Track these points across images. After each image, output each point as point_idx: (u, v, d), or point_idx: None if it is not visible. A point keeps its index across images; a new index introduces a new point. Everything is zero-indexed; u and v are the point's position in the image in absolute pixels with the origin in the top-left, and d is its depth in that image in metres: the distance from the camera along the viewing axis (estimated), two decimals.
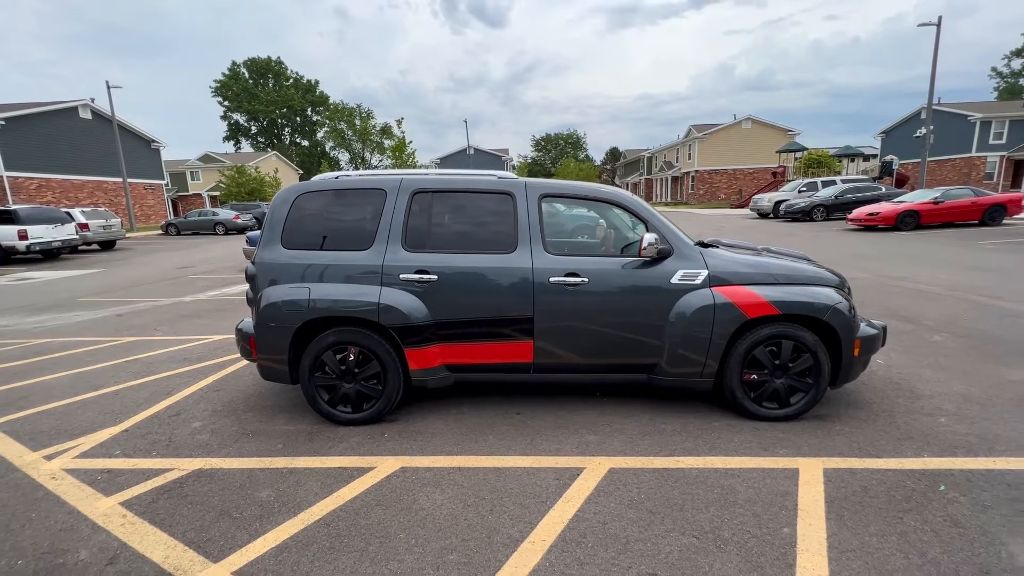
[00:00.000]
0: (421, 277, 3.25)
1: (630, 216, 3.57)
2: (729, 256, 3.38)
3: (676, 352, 3.24)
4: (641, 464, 2.81)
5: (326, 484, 2.68)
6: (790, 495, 2.48)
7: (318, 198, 3.47)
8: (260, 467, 2.89)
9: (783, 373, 3.25)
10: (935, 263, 9.45)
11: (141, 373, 4.64)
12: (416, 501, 2.51)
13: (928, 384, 3.86)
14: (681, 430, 3.21)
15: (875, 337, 3.35)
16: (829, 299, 3.20)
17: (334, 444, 3.14)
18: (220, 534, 2.29)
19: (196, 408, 3.78)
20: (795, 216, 20.97)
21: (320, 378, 3.35)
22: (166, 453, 3.10)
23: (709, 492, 2.52)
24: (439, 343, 3.31)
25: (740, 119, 43.69)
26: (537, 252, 3.29)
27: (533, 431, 3.25)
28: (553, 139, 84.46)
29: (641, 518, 2.33)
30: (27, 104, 27.09)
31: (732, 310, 3.17)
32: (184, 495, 2.63)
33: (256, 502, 2.54)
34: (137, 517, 2.44)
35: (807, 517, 2.31)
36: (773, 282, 3.26)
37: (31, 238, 15.09)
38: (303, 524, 2.34)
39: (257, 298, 3.35)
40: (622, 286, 3.26)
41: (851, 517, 2.30)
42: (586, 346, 3.31)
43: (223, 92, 65.11)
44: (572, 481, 2.65)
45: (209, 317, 7.05)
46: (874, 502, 2.41)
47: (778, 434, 3.12)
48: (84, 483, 2.77)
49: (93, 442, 3.28)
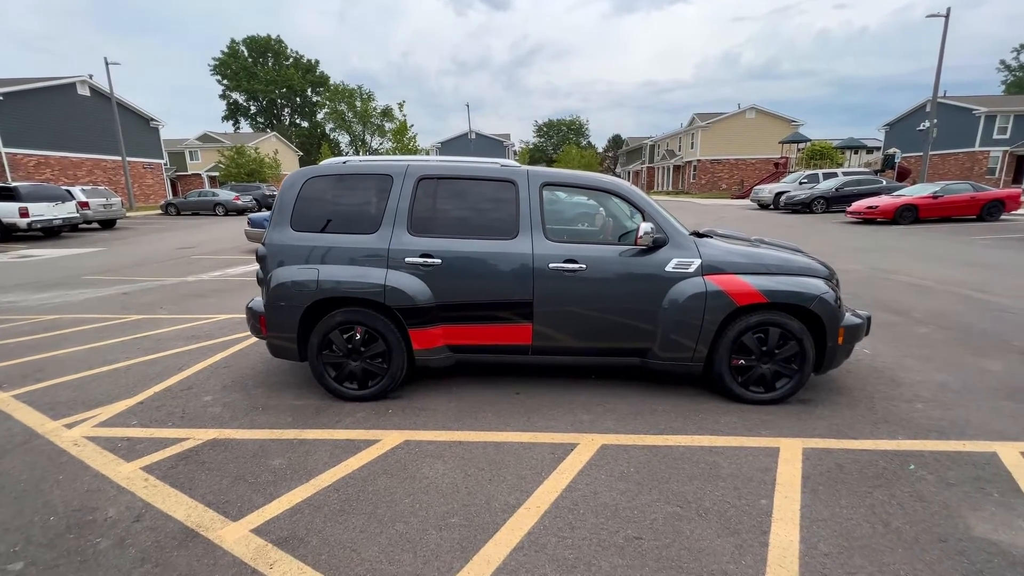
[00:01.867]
0: (425, 261, 3.38)
1: (628, 205, 3.69)
2: (722, 246, 3.51)
3: (668, 337, 3.39)
4: (631, 441, 2.98)
5: (335, 454, 2.85)
6: (769, 471, 2.65)
7: (326, 182, 3.58)
8: (271, 438, 3.05)
9: (769, 359, 3.41)
10: (930, 257, 9.59)
11: (151, 349, 4.79)
12: (420, 471, 2.68)
13: (909, 373, 4.03)
14: (671, 411, 3.38)
15: (859, 326, 3.50)
16: (816, 289, 3.34)
17: (341, 418, 3.30)
18: (237, 497, 2.46)
19: (207, 383, 3.93)
20: (795, 208, 21.06)
21: (328, 356, 3.50)
22: (181, 424, 3.26)
23: (694, 467, 2.70)
24: (442, 324, 3.46)
25: (744, 108, 43.40)
26: (537, 239, 3.42)
27: (530, 409, 3.41)
28: (555, 125, 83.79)
29: (629, 489, 2.50)
30: (25, 79, 26.79)
31: (723, 298, 3.31)
32: (201, 462, 2.79)
33: (269, 469, 2.71)
34: (158, 480, 2.61)
35: (784, 491, 2.48)
36: (763, 272, 3.40)
37: (32, 216, 15.11)
38: (315, 489, 2.51)
39: (267, 278, 3.48)
40: (618, 273, 3.40)
41: (824, 491, 2.47)
42: (583, 330, 3.46)
43: (222, 71, 64.27)
44: (566, 455, 2.82)
45: (213, 297, 7.19)
46: (847, 478, 2.58)
47: (763, 416, 3.29)
48: (106, 449, 2.94)
49: (110, 412, 3.44)
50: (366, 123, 54.99)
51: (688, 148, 46.19)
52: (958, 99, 34.45)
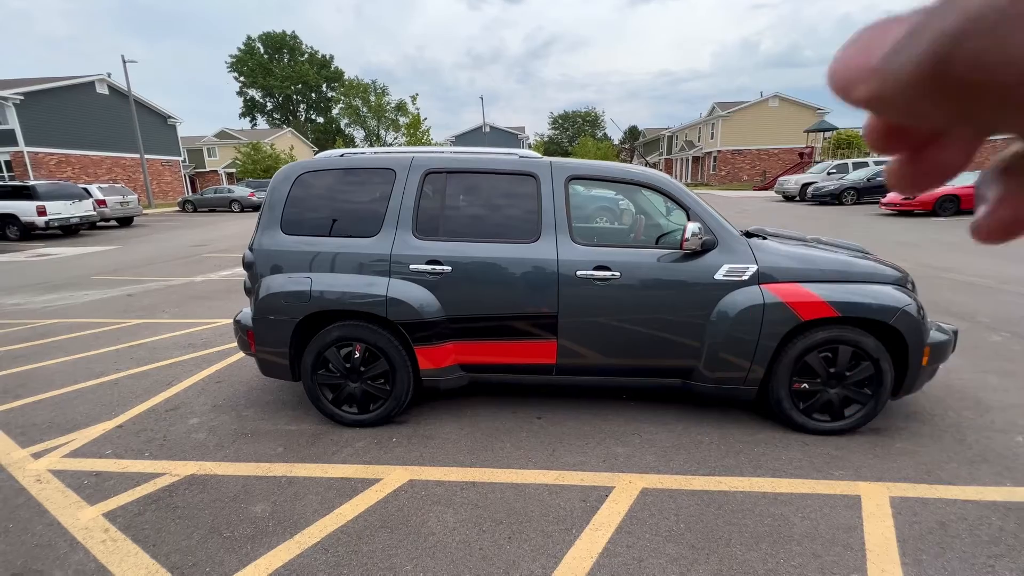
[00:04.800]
0: (433, 268, 2.93)
1: (666, 201, 3.18)
2: (780, 249, 2.98)
3: (717, 355, 2.89)
4: (678, 484, 2.50)
5: (327, 499, 2.43)
6: (855, 530, 2.15)
7: (321, 178, 3.14)
8: (257, 474, 2.65)
9: (838, 382, 2.88)
10: (981, 252, 8.80)
11: (143, 360, 4.45)
12: (425, 523, 2.24)
13: (996, 393, 3.45)
14: (720, 443, 2.88)
15: (946, 343, 2.94)
16: (896, 300, 2.80)
17: (338, 449, 2.89)
18: (207, 557, 2.06)
19: (196, 401, 3.56)
20: (823, 199, 20.04)
21: (323, 376, 3.08)
22: (159, 454, 2.88)
23: (759, 523, 2.21)
24: (453, 340, 3.01)
25: (767, 96, 41.88)
26: (563, 241, 2.94)
27: (555, 439, 2.95)
28: (571, 117, 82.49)
29: (682, 555, 2.03)
30: (45, 79, 27.10)
31: (784, 310, 2.79)
32: (174, 506, 2.40)
33: (249, 518, 2.30)
34: (120, 532, 2.22)
35: (878, 561, 1.98)
36: (831, 279, 2.86)
37: (50, 214, 15.14)
38: (299, 549, 2.09)
39: (256, 288, 3.07)
40: (658, 281, 2.90)
41: (931, 563, 1.96)
42: (616, 347, 2.98)
43: (239, 67, 64.66)
44: (600, 504, 2.36)
45: (219, 298, 6.87)
46: (956, 543, 2.06)
47: (830, 451, 2.78)
48: (69, 488, 2.56)
49: (85, 438, 3.08)
50: (380, 118, 54.77)
51: (708, 139, 44.85)
52: None
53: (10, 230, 15.15)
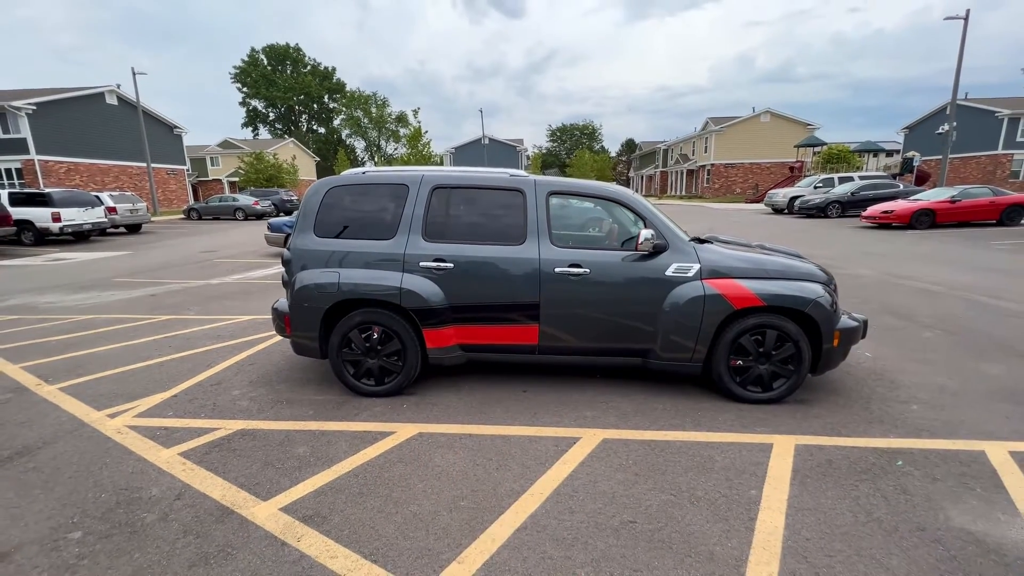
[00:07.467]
0: (439, 265, 3.60)
1: (631, 212, 3.87)
2: (721, 251, 3.67)
3: (669, 338, 3.56)
4: (631, 436, 3.15)
5: (353, 444, 3.07)
6: (761, 464, 2.80)
7: (347, 191, 3.83)
8: (295, 429, 3.29)
9: (767, 360, 3.55)
10: (943, 262, 9.54)
11: (181, 347, 5.09)
12: (432, 460, 2.89)
13: (909, 375, 4.12)
14: (671, 408, 3.54)
15: (854, 329, 3.62)
16: (812, 293, 3.48)
17: (359, 412, 3.53)
18: (266, 479, 2.70)
19: (235, 379, 4.20)
20: (810, 212, 20.91)
21: (347, 354, 3.74)
22: (212, 415, 3.52)
23: (689, 460, 2.86)
24: (454, 325, 3.67)
25: (758, 112, 43.12)
26: (544, 244, 3.62)
27: (537, 406, 3.60)
28: (568, 130, 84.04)
29: (627, 479, 2.68)
30: (56, 90, 27.96)
31: (721, 301, 3.47)
32: (232, 449, 3.04)
33: (294, 456, 2.94)
34: (195, 464, 2.86)
35: (773, 483, 2.63)
36: (762, 276, 3.54)
37: (64, 220, 15.80)
38: (336, 475, 2.74)
39: (292, 281, 3.74)
40: (620, 277, 3.58)
41: (812, 483, 2.62)
42: (586, 331, 3.65)
43: (242, 78, 65.93)
44: (569, 448, 3.01)
45: (236, 299, 7.51)
46: (835, 472, 2.72)
47: (760, 415, 3.43)
48: (146, 437, 3.20)
49: (148, 404, 3.72)
50: (381, 129, 55.87)
51: (702, 152, 45.98)
52: (980, 101, 33.79)
53: (25, 235, 15.79)
